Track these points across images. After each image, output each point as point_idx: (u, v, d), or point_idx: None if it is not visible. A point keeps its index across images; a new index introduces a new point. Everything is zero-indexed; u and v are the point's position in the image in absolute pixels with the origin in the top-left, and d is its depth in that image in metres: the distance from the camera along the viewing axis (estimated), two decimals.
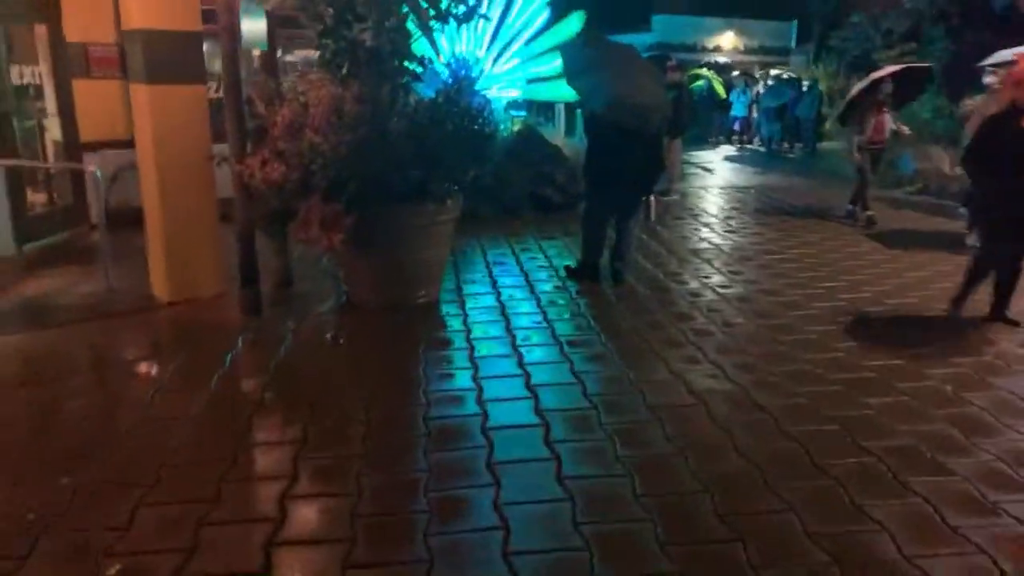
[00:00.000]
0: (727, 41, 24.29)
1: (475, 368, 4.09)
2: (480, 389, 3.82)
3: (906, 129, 8.13)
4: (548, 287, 5.70)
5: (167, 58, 4.84)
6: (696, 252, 6.86)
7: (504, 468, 3.05)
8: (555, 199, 8.47)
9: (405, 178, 4.74)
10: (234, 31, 4.67)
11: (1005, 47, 12.55)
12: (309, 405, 3.61)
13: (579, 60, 5.49)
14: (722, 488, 2.90)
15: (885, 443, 3.26)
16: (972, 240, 6.37)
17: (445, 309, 5.14)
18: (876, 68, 14.46)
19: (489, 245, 6.99)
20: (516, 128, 9.42)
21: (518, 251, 6.80)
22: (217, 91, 6.31)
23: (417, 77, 5.17)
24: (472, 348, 4.39)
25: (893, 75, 8.04)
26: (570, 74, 5.51)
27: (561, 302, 5.33)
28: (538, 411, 3.57)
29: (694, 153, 14.97)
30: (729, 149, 16.78)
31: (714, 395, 3.77)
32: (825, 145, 16.27)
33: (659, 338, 4.60)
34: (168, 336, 4.73)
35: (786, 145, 16.16)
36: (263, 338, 4.58)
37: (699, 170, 12.83)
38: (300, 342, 4.50)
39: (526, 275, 6.01)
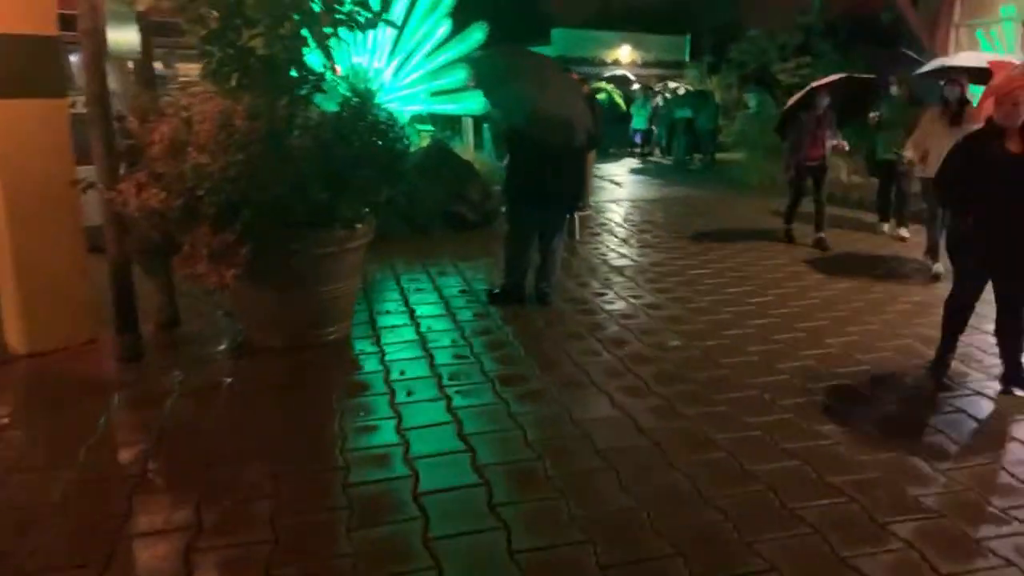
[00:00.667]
0: (624, 54, 24.71)
1: (398, 417, 3.60)
2: (407, 443, 3.33)
3: (845, 145, 7.58)
4: (471, 314, 5.27)
5: (17, 67, 4.11)
6: (619, 270, 6.60)
7: (444, 545, 2.59)
8: (470, 217, 8.07)
9: (309, 201, 4.20)
10: (98, 35, 4.01)
11: (891, 59, 13.28)
12: (203, 478, 3.02)
13: (496, 72, 5.12)
14: (695, 551, 2.55)
15: (852, 476, 3.02)
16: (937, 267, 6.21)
17: (359, 347, 4.61)
18: (771, 80, 15.08)
19: (403, 269, 6.49)
20: (425, 143, 8.95)
21: (434, 275, 6.33)
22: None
23: (320, 88, 4.64)
24: (393, 393, 3.89)
25: (830, 85, 7.33)
26: (487, 87, 5.13)
27: (487, 331, 4.90)
28: (476, 467, 3.13)
29: (599, 166, 14.93)
30: (632, 162, 16.89)
31: (665, 433, 3.44)
32: (723, 156, 16.66)
33: (597, 368, 4.25)
34: (25, 397, 3.98)
35: (689, 157, 16.40)
36: (144, 393, 3.91)
37: (608, 184, 12.75)
38: (189, 396, 3.87)
39: (446, 302, 5.56)
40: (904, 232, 7.85)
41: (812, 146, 7.34)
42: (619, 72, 23.14)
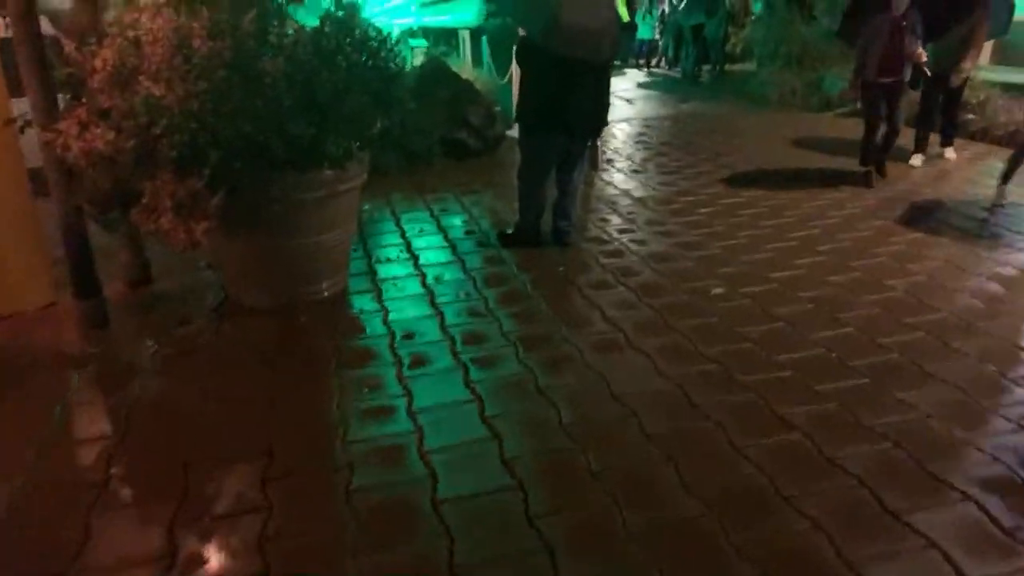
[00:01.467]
0: None
1: (409, 396, 3.05)
2: (420, 431, 2.80)
3: (924, 55, 5.86)
4: (481, 260, 4.66)
5: None
6: (642, 201, 5.95)
7: (476, 574, 2.09)
8: (471, 144, 7.34)
9: (289, 138, 3.52)
10: None
11: None
12: (178, 486, 2.50)
13: None
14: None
15: None
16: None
17: (358, 304, 4.02)
18: None
19: (401, 207, 5.84)
20: (419, 62, 8.11)
21: (437, 213, 5.68)
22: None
23: (293, 0, 3.89)
24: (401, 363, 3.34)
25: None
26: None
27: (502, 281, 4.31)
28: (505, 463, 2.60)
29: None
30: (639, 75, 15.88)
31: (727, 407, 2.90)
32: (734, 68, 15.65)
33: (632, 324, 3.68)
34: None
35: (699, 68, 15.38)
36: (109, 370, 3.35)
37: (616, 100, 11.87)
38: (162, 373, 3.31)
39: (452, 245, 4.94)
40: (951, 152, 7.15)
41: (888, 58, 5.82)
42: None
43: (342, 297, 4.07)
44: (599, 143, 4.93)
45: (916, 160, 6.94)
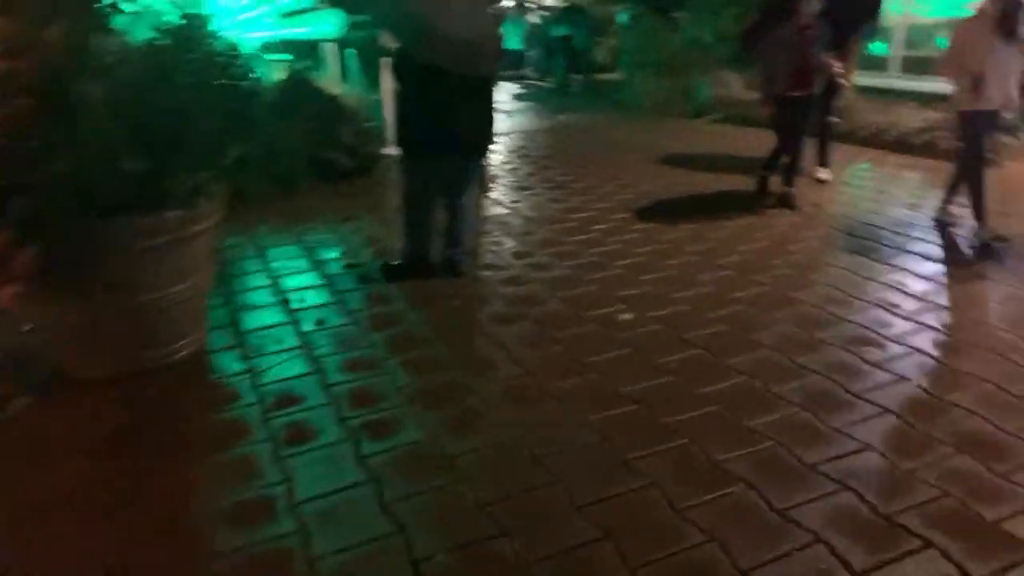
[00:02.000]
0: None
1: (290, 483, 2.52)
2: (306, 531, 2.28)
3: (837, 67, 5.51)
4: (365, 299, 4.16)
5: None
6: (535, 220, 5.63)
7: None
8: (344, 164, 6.77)
9: (120, 175, 2.90)
10: None
11: None
12: None
13: None
14: None
15: None
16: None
17: (221, 365, 3.42)
18: None
19: (268, 241, 5.21)
20: (279, 78, 7.43)
21: (310, 244, 5.11)
22: None
23: (117, 8, 3.25)
24: (277, 439, 2.79)
25: None
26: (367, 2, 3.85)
27: (392, 321, 3.82)
28: (415, 564, 2.13)
29: None
30: (512, 86, 15.72)
31: (659, 459, 2.57)
32: (604, 76, 15.83)
33: (545, 364, 3.31)
34: None
35: (569, 78, 15.41)
36: None
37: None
38: None
39: (330, 282, 4.40)
40: (823, 174, 6.59)
41: (798, 71, 5.38)
42: None
43: (201, 358, 3.45)
44: (487, 162, 4.56)
45: (823, 173, 6.54)
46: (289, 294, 4.22)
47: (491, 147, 4.41)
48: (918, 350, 3.40)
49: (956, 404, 2.93)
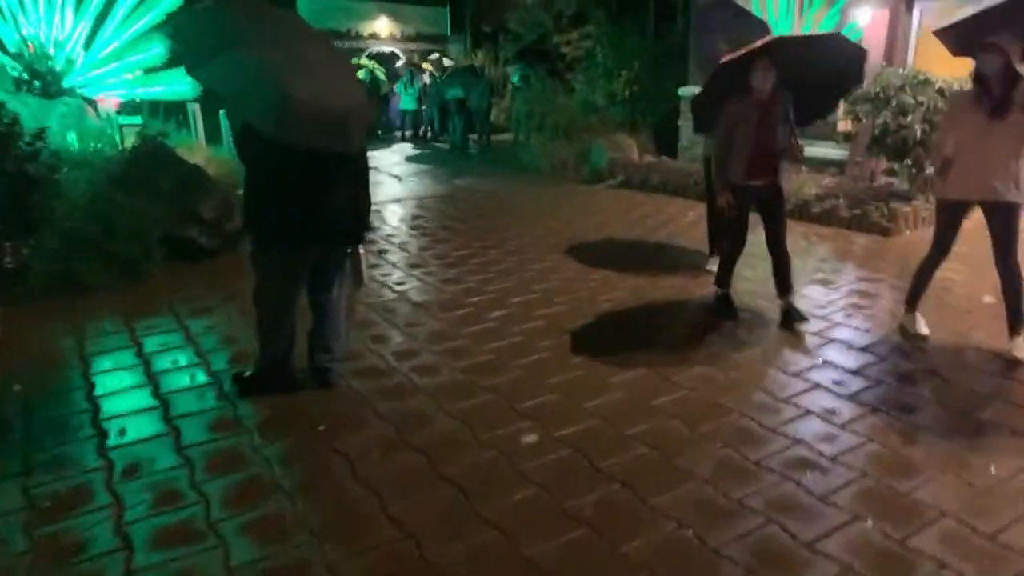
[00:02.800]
0: (382, 27, 22.67)
1: None
2: None
3: (799, 152, 4.47)
4: (206, 426, 3.33)
5: None
6: (424, 307, 4.95)
7: None
8: (204, 243, 5.90)
9: None
10: None
11: (665, 30, 12.87)
12: None
13: (212, 35, 3.11)
14: None
15: None
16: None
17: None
18: (552, 54, 14.00)
19: (94, 344, 4.28)
20: (132, 144, 6.53)
21: (148, 348, 4.22)
22: None
23: None
24: None
25: (775, 48, 4.21)
26: (197, 59, 3.09)
27: (234, 462, 3.02)
28: None
29: (372, 153, 13.05)
30: (406, 147, 15.18)
31: None
32: (500, 138, 15.58)
33: (429, 516, 2.60)
34: None
35: (466, 140, 15.03)
36: None
37: (385, 176, 10.95)
38: None
39: (165, 403, 3.54)
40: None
41: (755, 156, 4.34)
42: (387, 49, 21.14)
43: None
44: (361, 251, 3.88)
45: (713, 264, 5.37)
46: (108, 422, 3.33)
47: (366, 232, 3.72)
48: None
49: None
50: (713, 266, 5.21)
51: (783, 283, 4.54)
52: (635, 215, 7.88)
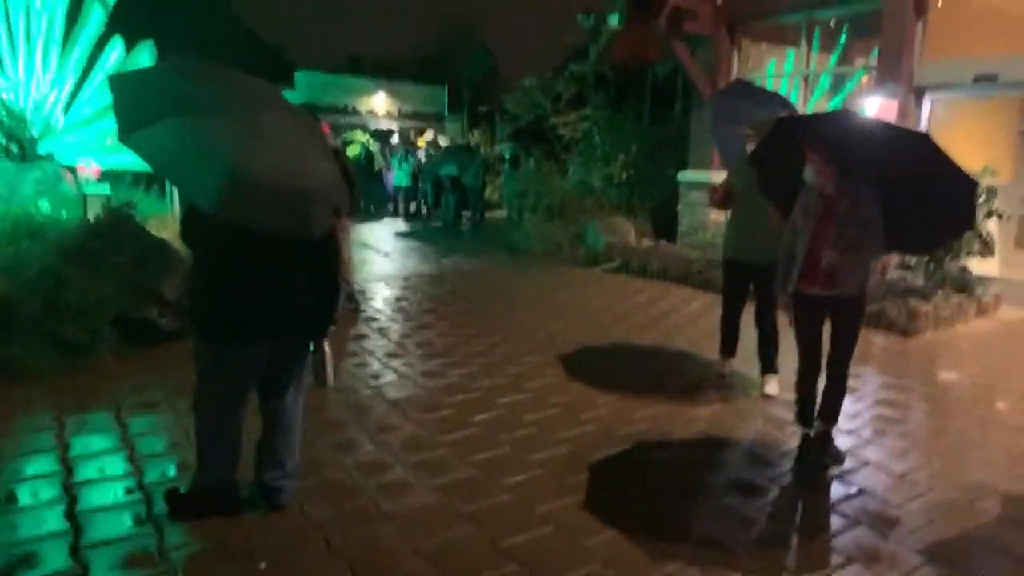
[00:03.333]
0: (379, 103, 22.88)
1: None
2: None
3: (891, 264, 3.93)
4: (122, 561, 2.72)
5: None
6: (398, 406, 4.39)
7: None
8: (163, 325, 5.36)
9: None
10: None
11: (664, 115, 12.80)
12: None
13: (153, 98, 2.67)
14: None
15: None
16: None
17: None
18: (549, 134, 13.93)
19: (13, 441, 3.68)
20: (96, 215, 6.09)
21: (74, 449, 3.62)
22: None
23: None
24: None
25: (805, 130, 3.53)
26: (132, 124, 2.62)
27: None
28: None
29: (361, 229, 12.71)
30: (397, 223, 14.86)
31: None
32: (493, 215, 15.33)
33: None
34: None
35: (459, 218, 14.77)
36: None
37: (371, 253, 10.53)
38: None
39: (77, 529, 2.93)
40: (772, 387, 4.69)
41: (813, 257, 3.49)
42: (383, 126, 21.24)
43: None
44: (326, 347, 3.38)
45: (772, 387, 4.68)
46: None
47: (328, 327, 3.21)
48: None
49: None
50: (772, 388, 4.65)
51: (830, 410, 3.73)
52: (634, 302, 7.42)
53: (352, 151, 17.07)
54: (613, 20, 9.55)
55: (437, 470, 3.53)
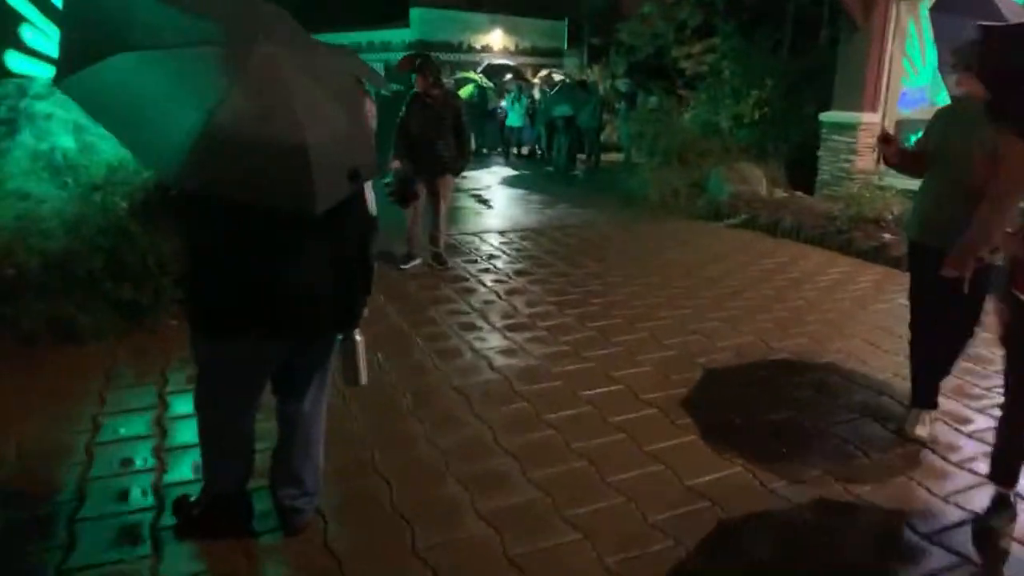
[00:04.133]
0: (496, 40, 21.99)
1: None
2: None
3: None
4: None
5: None
6: (467, 394, 3.79)
7: None
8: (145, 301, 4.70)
9: None
10: None
11: (805, 45, 11.23)
12: None
13: (112, 26, 2.04)
14: None
15: None
16: None
17: None
18: (670, 69, 12.55)
19: (35, 422, 3.38)
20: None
21: (103, 435, 3.27)
22: None
23: None
24: None
25: None
26: (77, 63, 2.01)
27: None
28: None
29: (464, 173, 12.09)
30: (505, 169, 14.14)
31: None
32: (610, 157, 14.30)
33: None
34: None
35: (572, 162, 13.86)
36: None
37: (471, 201, 9.93)
38: None
39: (66, 546, 2.54)
40: (923, 428, 3.40)
41: None
42: (497, 61, 20.42)
43: None
44: (358, 339, 2.81)
45: (923, 428, 3.40)
46: None
47: (358, 313, 2.60)
48: None
49: None
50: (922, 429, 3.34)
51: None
52: (760, 267, 6.40)
53: (465, 91, 16.43)
54: None
55: (494, 487, 2.90)
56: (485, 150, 16.03)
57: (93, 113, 2.03)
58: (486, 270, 6.28)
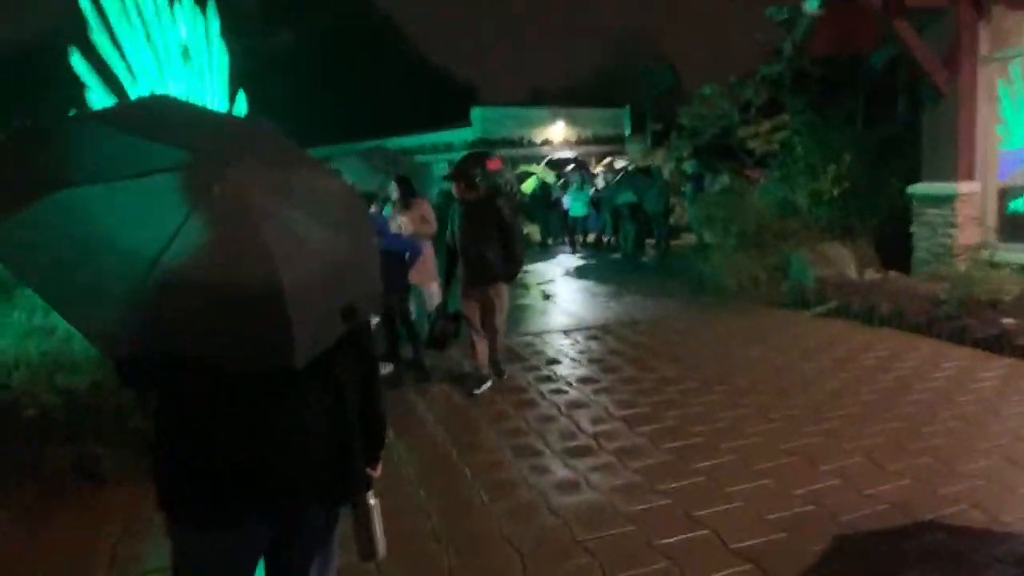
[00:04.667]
0: (557, 132, 22.11)
1: None
2: None
3: None
4: None
5: None
6: (518, 547, 3.20)
7: None
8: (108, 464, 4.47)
9: None
10: None
11: (880, 115, 10.61)
12: None
13: (51, 163, 1.72)
14: None
15: None
16: None
17: None
18: (736, 149, 12.10)
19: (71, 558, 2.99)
20: None
21: None
22: None
23: None
24: None
25: None
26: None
27: None
28: None
29: (528, 267, 11.73)
30: (570, 258, 13.75)
31: None
32: (681, 241, 13.75)
33: None
34: None
35: (640, 248, 13.39)
36: None
37: (533, 296, 9.49)
38: None
39: None
40: None
41: None
42: (559, 153, 20.49)
43: None
44: (370, 503, 2.34)
45: None
46: None
47: (366, 476, 2.09)
48: None
49: None
50: None
51: None
52: (860, 365, 5.60)
53: (527, 185, 16.39)
54: (812, 4, 7.78)
55: None
56: (550, 241, 15.80)
57: (18, 272, 1.65)
58: (547, 378, 5.73)
